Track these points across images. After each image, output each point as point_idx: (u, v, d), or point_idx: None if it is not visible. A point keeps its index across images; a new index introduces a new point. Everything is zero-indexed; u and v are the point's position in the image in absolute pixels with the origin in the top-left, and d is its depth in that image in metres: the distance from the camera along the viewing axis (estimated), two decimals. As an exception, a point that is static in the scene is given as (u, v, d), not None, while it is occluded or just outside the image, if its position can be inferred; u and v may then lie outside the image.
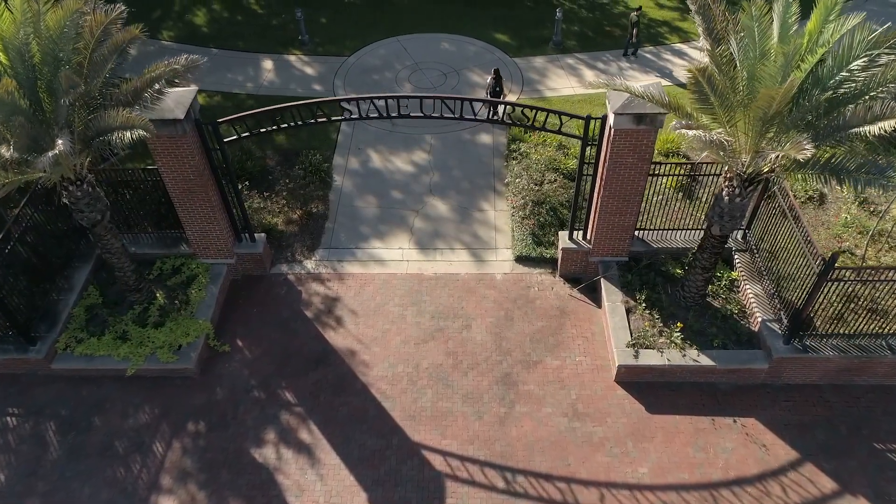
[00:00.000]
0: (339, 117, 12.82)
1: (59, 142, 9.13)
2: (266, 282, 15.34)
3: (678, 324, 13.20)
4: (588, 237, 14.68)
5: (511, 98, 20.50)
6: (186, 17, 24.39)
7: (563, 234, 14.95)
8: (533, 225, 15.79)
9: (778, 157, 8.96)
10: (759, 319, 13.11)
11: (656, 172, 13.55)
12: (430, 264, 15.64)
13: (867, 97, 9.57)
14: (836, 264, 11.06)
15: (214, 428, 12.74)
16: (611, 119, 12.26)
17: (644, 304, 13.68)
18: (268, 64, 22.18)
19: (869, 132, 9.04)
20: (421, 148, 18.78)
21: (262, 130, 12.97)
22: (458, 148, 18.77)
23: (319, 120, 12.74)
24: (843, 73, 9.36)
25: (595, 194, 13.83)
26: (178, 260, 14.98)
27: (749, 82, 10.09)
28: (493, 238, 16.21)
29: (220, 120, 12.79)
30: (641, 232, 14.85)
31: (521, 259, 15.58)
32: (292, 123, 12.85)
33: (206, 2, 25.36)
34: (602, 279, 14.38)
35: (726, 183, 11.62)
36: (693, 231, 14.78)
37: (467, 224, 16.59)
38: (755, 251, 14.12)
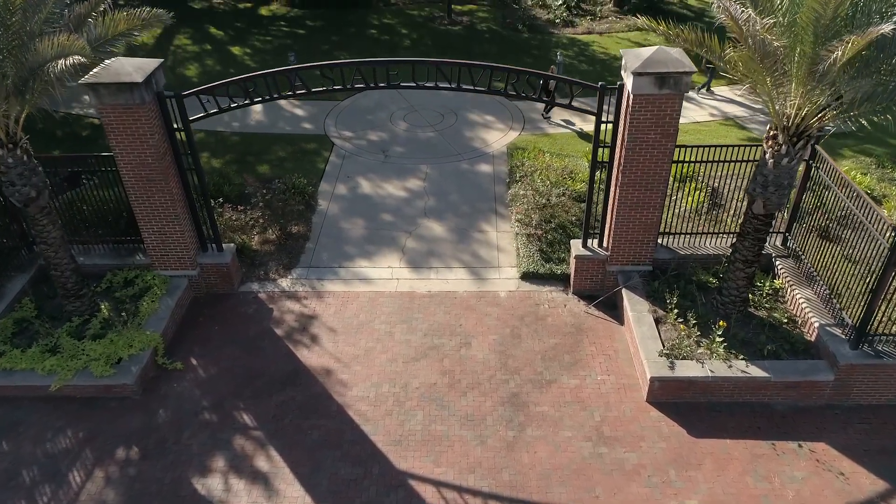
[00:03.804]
0: (321, 88, 11.37)
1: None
2: (233, 299, 13.21)
3: (721, 322, 10.99)
4: (605, 243, 12.76)
5: (513, 135, 19.32)
6: (178, 70, 23.80)
7: (576, 242, 13.01)
8: (541, 236, 13.92)
9: (848, 50, 7.30)
10: (816, 325, 10.92)
11: (680, 159, 11.87)
12: (424, 282, 13.58)
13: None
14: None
15: (150, 455, 10.18)
16: (629, 84, 10.77)
17: (676, 312, 11.51)
18: (256, 105, 21.14)
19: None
20: (416, 176, 17.26)
21: (234, 106, 11.53)
22: (456, 176, 17.25)
23: (298, 91, 11.30)
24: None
25: (612, 184, 12.07)
26: (132, 272, 12.94)
27: (791, 8, 8.68)
28: (495, 257, 14.25)
29: (186, 93, 11.33)
30: (666, 238, 12.96)
31: (527, 276, 13.55)
32: (267, 97, 11.44)
33: (200, 58, 24.93)
34: (624, 289, 12.29)
35: (769, 143, 9.92)
36: (725, 236, 12.89)
37: (466, 244, 14.69)
38: (800, 255, 12.15)
